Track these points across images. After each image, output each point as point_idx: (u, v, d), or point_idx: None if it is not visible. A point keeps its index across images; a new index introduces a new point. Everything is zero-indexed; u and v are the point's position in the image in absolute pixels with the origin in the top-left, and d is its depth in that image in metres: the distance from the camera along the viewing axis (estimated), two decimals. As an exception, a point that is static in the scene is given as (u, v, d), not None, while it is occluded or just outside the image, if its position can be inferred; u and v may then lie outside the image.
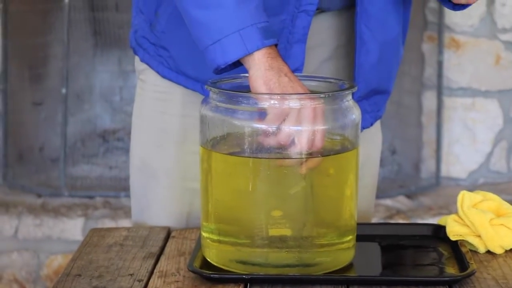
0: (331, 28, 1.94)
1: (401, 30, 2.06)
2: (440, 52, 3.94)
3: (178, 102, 2.04)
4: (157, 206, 2.07)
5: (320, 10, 1.90)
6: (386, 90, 2.02)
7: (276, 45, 1.72)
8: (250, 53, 1.70)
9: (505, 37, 3.94)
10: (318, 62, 1.96)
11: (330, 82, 1.73)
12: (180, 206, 2.03)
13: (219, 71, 1.74)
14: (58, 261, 3.59)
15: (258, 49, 1.69)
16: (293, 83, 1.67)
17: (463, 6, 1.91)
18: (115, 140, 3.85)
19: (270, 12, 1.81)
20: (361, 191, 1.76)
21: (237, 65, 1.73)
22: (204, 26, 1.78)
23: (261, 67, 1.69)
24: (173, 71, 2.02)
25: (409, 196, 3.81)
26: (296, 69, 1.82)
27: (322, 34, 1.93)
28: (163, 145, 2.07)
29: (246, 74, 1.74)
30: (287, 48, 1.88)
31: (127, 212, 3.37)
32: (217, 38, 1.73)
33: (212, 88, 1.60)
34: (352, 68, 1.92)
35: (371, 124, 1.92)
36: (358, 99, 1.73)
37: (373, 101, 1.82)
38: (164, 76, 2.04)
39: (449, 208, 1.67)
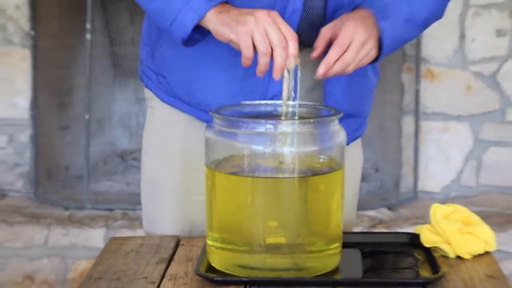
0: (312, 62, 1.86)
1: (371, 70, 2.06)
2: (417, 81, 3.94)
3: (180, 125, 2.04)
4: (164, 218, 2.08)
5: (303, 46, 1.87)
6: (358, 114, 2.02)
7: (226, 3, 1.75)
8: (202, 17, 1.73)
9: (474, 68, 3.94)
10: (304, 91, 1.90)
11: (318, 108, 1.77)
12: (183, 217, 2.03)
13: (188, 43, 1.79)
14: (83, 265, 3.58)
15: (206, 10, 1.72)
16: (242, 13, 1.70)
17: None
18: (132, 159, 3.87)
19: None
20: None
21: (205, 32, 1.76)
22: (160, 12, 1.82)
23: (214, 19, 1.72)
24: (171, 97, 2.03)
25: (390, 208, 3.81)
26: (275, 95, 1.86)
27: (305, 67, 1.84)
28: (168, 163, 2.07)
29: (246, 102, 1.79)
30: (272, 76, 1.81)
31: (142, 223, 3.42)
32: (173, 18, 1.76)
33: (215, 114, 1.62)
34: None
35: (347, 144, 1.82)
36: None
37: (347, 123, 1.75)
38: (164, 101, 2.06)
39: (425, 218, 1.73)
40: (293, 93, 1.71)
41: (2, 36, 4.03)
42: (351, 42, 1.74)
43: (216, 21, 1.73)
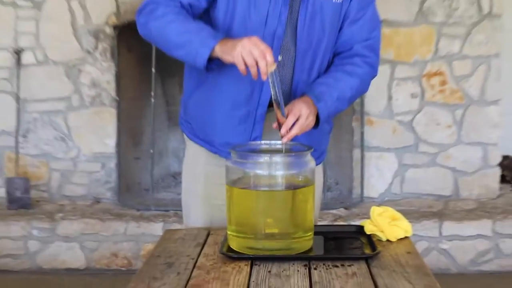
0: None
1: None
2: (362, 126, 3.92)
3: (202, 156, 2.01)
4: (194, 214, 2.07)
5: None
6: (317, 148, 1.88)
7: (225, 38, 1.73)
8: (212, 50, 1.69)
9: (398, 118, 3.93)
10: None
11: (297, 145, 1.75)
12: (205, 215, 2.02)
13: (208, 70, 1.75)
14: (149, 247, 3.53)
15: (214, 45, 1.68)
16: (235, 41, 1.68)
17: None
18: (180, 178, 3.95)
19: (242, 104, 1.87)
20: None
21: (217, 63, 1.73)
22: (186, 55, 1.77)
23: (219, 49, 1.68)
24: (195, 137, 2.02)
25: (345, 208, 3.79)
26: (256, 137, 1.88)
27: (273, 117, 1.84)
28: (196, 181, 2.06)
29: (252, 142, 1.83)
30: (254, 125, 1.91)
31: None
32: (194, 55, 1.73)
33: (232, 151, 1.64)
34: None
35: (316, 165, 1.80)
36: None
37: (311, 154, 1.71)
38: (191, 140, 2.05)
39: (367, 215, 1.75)
40: (277, 91, 1.72)
41: (98, 100, 4.02)
42: (300, 115, 1.76)
43: (220, 51, 1.70)
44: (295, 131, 1.74)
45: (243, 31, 1.82)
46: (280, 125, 1.75)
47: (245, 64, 1.65)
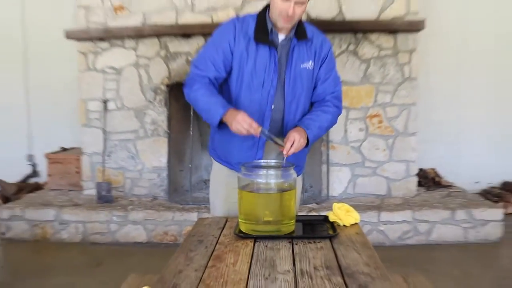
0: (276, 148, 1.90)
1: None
2: (327, 150, 3.90)
3: (224, 170, 1.99)
4: (217, 210, 2.04)
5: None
6: (299, 164, 1.93)
7: (232, 108, 1.77)
8: (222, 117, 1.76)
9: (351, 144, 3.90)
10: (276, 154, 1.91)
11: (285, 163, 1.75)
12: (225, 209, 1.99)
13: (220, 127, 1.80)
14: (188, 229, 3.49)
15: (223, 114, 1.74)
16: (236, 114, 1.73)
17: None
18: (209, 183, 3.93)
19: (249, 138, 1.84)
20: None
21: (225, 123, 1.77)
22: (206, 117, 1.83)
23: (226, 118, 1.75)
24: (219, 158, 2.00)
25: (317, 203, 3.74)
26: (259, 158, 1.87)
27: (273, 145, 1.88)
28: (219, 186, 2.04)
29: (256, 161, 1.81)
30: (258, 150, 1.90)
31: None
32: (211, 119, 1.78)
33: (242, 167, 1.64)
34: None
35: (297, 176, 1.81)
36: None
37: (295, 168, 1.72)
38: (216, 160, 2.04)
39: (331, 208, 1.75)
40: (270, 136, 1.78)
41: (156, 133, 4.01)
42: (294, 139, 1.77)
43: (227, 120, 1.75)
44: (293, 150, 1.77)
45: (248, 91, 1.86)
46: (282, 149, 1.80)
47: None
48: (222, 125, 1.79)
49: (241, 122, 1.71)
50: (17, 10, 4.82)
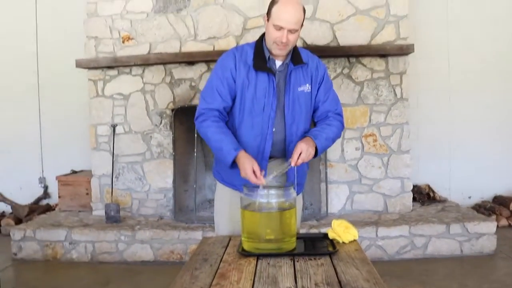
0: (279, 164, 1.89)
1: (306, 164, 2.02)
2: (326, 168, 3.88)
3: (227, 191, 1.98)
4: (222, 227, 2.02)
5: (273, 158, 1.91)
6: (300, 183, 1.93)
7: (243, 150, 1.76)
8: (234, 158, 1.76)
9: (348, 162, 3.88)
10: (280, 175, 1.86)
11: (286, 183, 1.78)
12: (229, 228, 1.97)
13: (231, 167, 1.79)
14: (193, 247, 3.47)
15: (235, 156, 1.74)
16: (244, 162, 1.72)
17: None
18: (213, 203, 3.90)
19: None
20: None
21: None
22: (219, 156, 1.82)
23: (238, 160, 1.74)
24: (223, 181, 1.99)
25: (317, 220, 3.71)
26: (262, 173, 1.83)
27: (276, 167, 1.86)
28: (223, 205, 2.02)
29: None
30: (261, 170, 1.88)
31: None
32: (223, 158, 1.77)
33: (245, 187, 1.64)
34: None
35: (297, 195, 1.81)
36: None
37: (297, 187, 1.75)
38: (220, 181, 2.03)
39: (331, 225, 1.73)
40: (276, 174, 1.76)
41: (162, 155, 4.01)
42: (302, 150, 1.76)
43: (238, 161, 1.76)
44: (300, 161, 1.76)
45: (250, 116, 1.88)
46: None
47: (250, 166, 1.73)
48: (234, 164, 1.80)
49: (249, 175, 1.71)
50: (32, 41, 4.89)
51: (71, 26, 4.55)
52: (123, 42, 3.98)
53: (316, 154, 1.84)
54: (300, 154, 1.76)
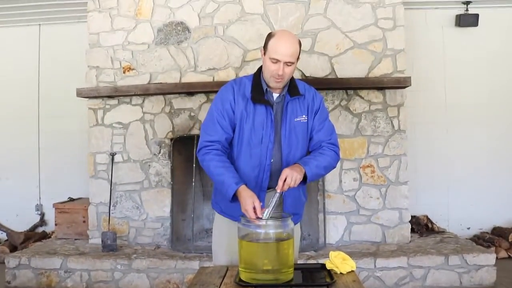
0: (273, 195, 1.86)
1: (302, 191, 2.04)
2: (324, 199, 3.89)
3: (225, 221, 1.99)
4: (219, 259, 2.02)
5: (271, 189, 1.91)
6: (297, 213, 1.95)
7: (244, 184, 1.77)
8: (235, 192, 1.77)
9: (346, 193, 3.89)
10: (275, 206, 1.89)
11: (283, 214, 1.78)
12: (227, 258, 1.98)
13: (232, 200, 1.80)
14: (190, 277, 3.44)
15: (236, 189, 1.75)
16: (245, 197, 1.72)
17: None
18: (211, 233, 3.89)
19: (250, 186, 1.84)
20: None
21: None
22: (221, 189, 1.83)
23: (240, 194, 1.75)
24: (222, 212, 2.00)
25: (315, 251, 3.69)
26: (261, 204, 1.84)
27: (270, 197, 1.84)
28: (221, 236, 2.03)
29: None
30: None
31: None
32: (225, 192, 1.78)
33: (242, 217, 1.66)
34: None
35: (294, 224, 1.80)
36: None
37: (294, 217, 1.76)
38: (218, 212, 2.04)
39: (328, 256, 1.72)
40: (271, 211, 1.74)
41: (160, 184, 4.02)
42: (287, 176, 1.76)
43: (239, 196, 1.77)
44: (286, 186, 1.76)
45: (248, 147, 1.90)
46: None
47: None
48: (234, 197, 1.81)
49: (249, 212, 1.71)
50: (33, 69, 4.98)
51: (73, 55, 4.65)
52: (124, 72, 4.05)
53: (305, 180, 1.86)
54: (285, 180, 1.77)
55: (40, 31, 4.98)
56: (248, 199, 1.73)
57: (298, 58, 1.90)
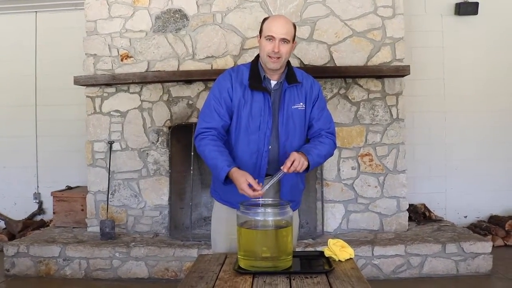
0: (273, 185, 1.88)
1: (300, 179, 2.05)
2: (322, 187, 3.89)
3: (223, 209, 2.00)
4: (219, 245, 2.03)
5: (270, 176, 1.91)
6: (294, 200, 1.96)
7: (236, 167, 1.79)
8: (227, 174, 1.78)
9: (344, 182, 3.90)
10: (273, 192, 1.91)
11: (281, 201, 1.79)
12: (226, 245, 1.99)
13: (226, 183, 1.82)
14: (188, 265, 3.45)
15: (227, 171, 1.76)
16: (239, 178, 1.75)
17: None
18: (210, 220, 3.85)
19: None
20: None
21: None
22: (213, 171, 1.85)
23: (232, 176, 1.76)
24: (221, 199, 2.01)
25: (313, 239, 3.71)
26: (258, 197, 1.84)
27: (270, 186, 1.86)
28: (220, 223, 2.03)
29: (253, 200, 1.78)
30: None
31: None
32: (217, 174, 1.79)
33: (241, 205, 1.65)
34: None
35: (293, 211, 1.80)
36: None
37: (292, 204, 1.76)
38: (217, 200, 2.05)
39: (327, 244, 1.73)
40: (270, 184, 1.78)
41: (158, 172, 4.02)
42: (295, 158, 1.78)
43: (232, 178, 1.78)
44: (293, 168, 1.79)
45: (246, 134, 1.91)
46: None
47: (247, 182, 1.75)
48: (228, 180, 1.82)
49: (245, 190, 1.73)
50: (30, 57, 4.96)
51: (70, 43, 4.62)
52: (121, 60, 4.03)
53: (307, 169, 1.87)
54: (293, 162, 1.79)
55: (36, 18, 4.94)
56: (241, 177, 1.75)
57: (294, 41, 1.91)
